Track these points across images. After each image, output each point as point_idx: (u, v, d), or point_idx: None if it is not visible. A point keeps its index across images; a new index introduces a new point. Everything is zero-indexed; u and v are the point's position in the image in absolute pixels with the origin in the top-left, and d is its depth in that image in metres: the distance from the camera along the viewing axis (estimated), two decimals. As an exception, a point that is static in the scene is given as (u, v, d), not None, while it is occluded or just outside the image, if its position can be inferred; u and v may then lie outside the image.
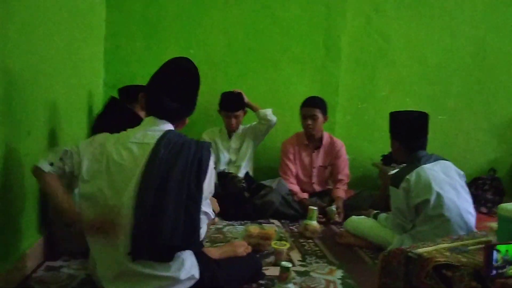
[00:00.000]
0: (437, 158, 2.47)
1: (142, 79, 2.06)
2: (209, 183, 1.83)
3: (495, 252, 1.25)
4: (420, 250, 1.47)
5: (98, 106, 3.31)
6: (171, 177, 1.71)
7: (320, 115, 3.36)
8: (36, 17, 2.11)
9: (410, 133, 2.47)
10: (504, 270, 1.27)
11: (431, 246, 1.54)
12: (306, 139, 3.48)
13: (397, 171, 2.54)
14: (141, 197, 1.69)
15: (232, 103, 3.51)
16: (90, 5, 3.20)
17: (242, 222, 3.03)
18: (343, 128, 3.88)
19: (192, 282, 1.81)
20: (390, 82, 3.94)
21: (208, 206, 1.89)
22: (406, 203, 2.37)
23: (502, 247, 1.27)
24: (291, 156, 3.51)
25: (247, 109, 3.58)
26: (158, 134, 1.79)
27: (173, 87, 1.84)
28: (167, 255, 1.72)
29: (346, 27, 3.83)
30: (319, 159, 3.51)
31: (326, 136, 3.51)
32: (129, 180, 1.72)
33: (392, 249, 1.55)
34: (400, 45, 3.91)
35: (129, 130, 1.85)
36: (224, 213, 3.07)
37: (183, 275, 1.76)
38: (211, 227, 2.89)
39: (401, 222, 2.42)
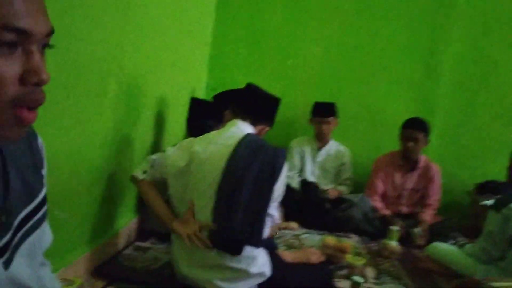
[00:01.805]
0: None
1: (242, 85, 2.22)
2: (279, 187, 1.93)
3: None
4: (497, 284, 1.42)
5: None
6: (247, 176, 1.84)
7: (422, 138, 3.27)
8: (148, 22, 2.34)
9: None
10: None
11: (510, 281, 1.47)
12: (401, 160, 3.41)
13: (503, 196, 2.41)
14: (220, 194, 1.85)
15: (323, 109, 3.54)
16: (200, 14, 3.46)
17: (321, 232, 3.05)
18: (437, 151, 3.73)
19: (262, 279, 1.91)
20: (492, 110, 3.72)
21: (275, 209, 1.98)
22: (502, 231, 2.21)
23: None
24: (382, 175, 3.45)
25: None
26: (239, 136, 1.93)
27: (256, 98, 2.11)
28: (236, 249, 1.84)
29: (450, 49, 3.70)
30: (412, 181, 3.42)
31: (422, 159, 3.40)
32: (212, 178, 1.88)
33: (467, 279, 1.51)
34: (507, 72, 3.68)
35: (214, 132, 2.03)
36: (303, 221, 3.13)
37: (253, 269, 1.87)
38: (288, 231, 2.98)
39: (490, 248, 2.28)
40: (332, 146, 3.66)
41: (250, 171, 1.86)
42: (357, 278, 2.08)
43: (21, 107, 0.66)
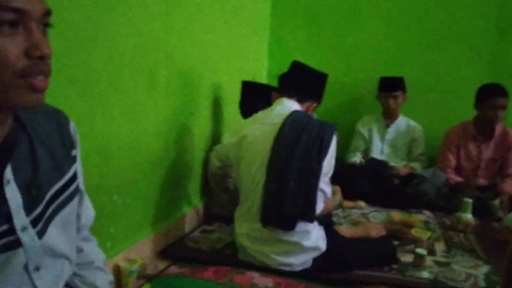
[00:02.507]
0: None
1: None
2: (329, 162, 1.92)
3: None
4: None
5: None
6: (294, 153, 1.86)
7: (507, 105, 3.04)
8: (199, 10, 2.43)
9: None
10: None
11: None
12: (475, 129, 3.21)
13: None
14: (269, 172, 1.90)
15: (390, 83, 3.42)
16: (255, 1, 3.51)
17: (390, 210, 2.96)
18: (517, 117, 3.44)
19: (317, 253, 1.92)
20: None
21: (326, 184, 1.96)
22: None
23: None
24: (453, 147, 3.27)
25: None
26: (286, 114, 1.94)
27: (301, 75, 2.11)
28: (289, 224, 1.87)
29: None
30: (489, 151, 3.20)
31: (499, 127, 3.16)
32: (262, 157, 1.93)
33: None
34: None
35: (261, 112, 2.06)
36: (372, 199, 3.07)
37: (307, 243, 1.88)
38: (356, 210, 2.94)
39: None
40: (402, 122, 3.53)
41: (297, 147, 1.88)
42: (420, 251, 2.00)
43: (30, 76, 0.75)
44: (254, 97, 2.59)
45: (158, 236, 2.16)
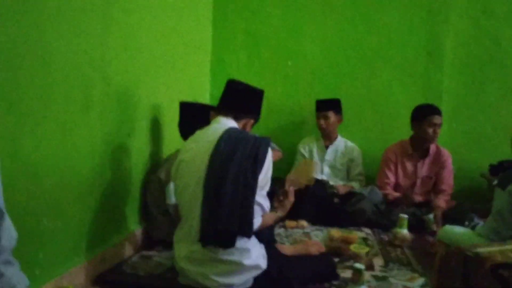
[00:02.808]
0: None
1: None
2: (265, 176, 1.92)
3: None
4: (479, 250, 1.37)
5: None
6: (229, 168, 1.85)
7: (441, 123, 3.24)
8: (137, 28, 2.40)
9: None
10: None
11: (496, 246, 1.42)
12: (412, 148, 3.36)
13: (508, 172, 2.32)
14: (206, 190, 1.87)
15: (322, 104, 3.53)
16: (196, 23, 3.52)
17: (331, 228, 3.01)
18: (448, 136, 3.64)
19: (258, 271, 1.90)
20: (500, 87, 3.61)
21: (263, 198, 1.97)
22: (508, 208, 2.14)
23: None
24: (392, 166, 3.40)
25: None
26: (221, 131, 1.94)
27: (235, 92, 2.11)
28: (227, 241, 1.84)
29: (450, 31, 3.63)
30: (424, 169, 3.36)
31: (433, 145, 3.35)
32: (198, 176, 1.91)
33: (451, 249, 1.46)
34: (510, 47, 3.57)
35: (198, 131, 2.05)
36: (313, 219, 3.11)
37: (248, 261, 1.86)
38: (298, 229, 2.96)
39: (499, 228, 2.18)
40: (340, 143, 3.64)
41: (232, 162, 1.87)
42: (358, 266, 2.03)
43: None
44: (193, 118, 2.56)
45: (93, 263, 2.06)
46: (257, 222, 1.93)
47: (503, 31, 3.58)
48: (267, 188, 1.98)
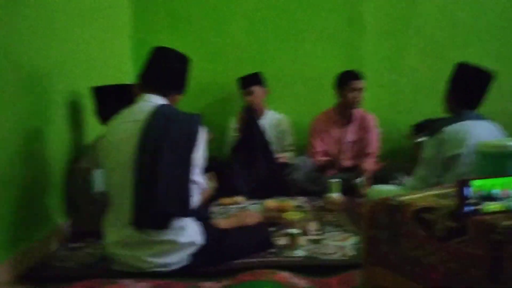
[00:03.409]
0: (484, 119, 2.30)
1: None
2: (199, 154, 1.89)
3: (468, 188, 1.18)
4: (402, 198, 1.42)
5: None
6: (163, 149, 1.79)
7: (364, 87, 3.33)
8: (50, 11, 2.24)
9: (468, 88, 2.29)
10: (479, 206, 1.19)
11: (418, 194, 1.47)
12: (337, 115, 3.44)
13: (436, 122, 2.42)
14: (137, 173, 1.80)
15: (245, 80, 3.53)
16: (115, 2, 3.35)
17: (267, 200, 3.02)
18: (371, 101, 3.73)
19: (194, 248, 1.87)
20: (419, 51, 3.78)
21: (199, 175, 1.93)
22: (436, 155, 2.23)
23: (475, 182, 1.19)
24: (319, 133, 3.48)
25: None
26: (149, 109, 1.87)
27: (161, 65, 1.99)
28: (164, 223, 1.79)
29: (368, -3, 3.73)
30: (350, 134, 3.46)
31: (357, 111, 3.44)
32: (127, 158, 1.83)
33: (376, 201, 1.50)
34: (428, 9, 3.73)
35: (123, 110, 1.95)
36: (248, 193, 3.11)
37: (182, 239, 1.82)
38: (233, 205, 2.95)
39: (426, 175, 2.28)
40: (269, 116, 3.65)
41: (165, 142, 1.81)
42: (292, 231, 2.06)
43: None
44: (112, 101, 2.44)
45: (16, 259, 1.92)
46: (196, 200, 1.90)
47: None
48: (202, 165, 1.94)
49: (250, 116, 3.40)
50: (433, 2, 3.75)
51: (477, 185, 1.19)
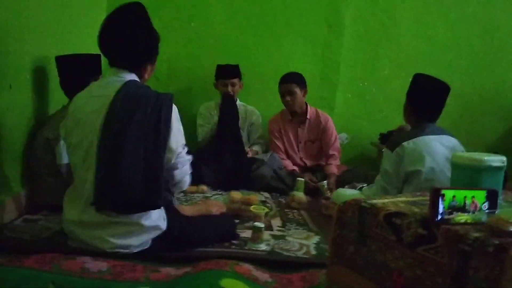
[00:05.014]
0: (444, 133, 2.33)
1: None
2: (176, 137, 1.81)
3: (440, 197, 1.21)
4: (374, 201, 1.44)
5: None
6: (128, 130, 1.69)
7: (297, 90, 3.33)
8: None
9: (424, 100, 2.31)
10: (451, 216, 1.22)
11: (389, 198, 1.50)
12: (290, 115, 3.47)
13: (396, 136, 2.45)
14: (101, 153, 1.71)
15: (228, 71, 3.50)
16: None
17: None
18: (343, 106, 3.82)
19: (158, 232, 1.82)
20: (393, 61, 3.86)
21: (183, 158, 1.88)
22: (395, 169, 2.27)
23: (448, 192, 1.22)
24: (277, 133, 3.51)
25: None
26: (118, 85, 1.77)
27: (121, 31, 1.80)
28: (128, 208, 1.72)
29: (351, 3, 3.77)
30: (304, 133, 3.49)
31: (311, 110, 3.47)
32: (92, 135, 1.74)
33: (348, 201, 1.51)
34: (405, 23, 3.82)
35: (92, 83, 1.87)
36: (213, 183, 3.10)
37: (147, 222, 1.77)
38: (198, 194, 2.92)
39: (386, 185, 2.32)
40: (240, 108, 3.63)
41: (132, 124, 1.70)
42: (257, 224, 2.05)
43: None
44: (76, 72, 2.34)
45: (-34, 226, 1.83)
46: (187, 181, 1.91)
47: (397, 5, 3.79)
48: (183, 146, 1.88)
49: (232, 106, 3.37)
50: (411, 17, 3.85)
51: (450, 195, 1.21)
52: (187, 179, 1.95)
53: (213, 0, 3.75)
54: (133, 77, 1.85)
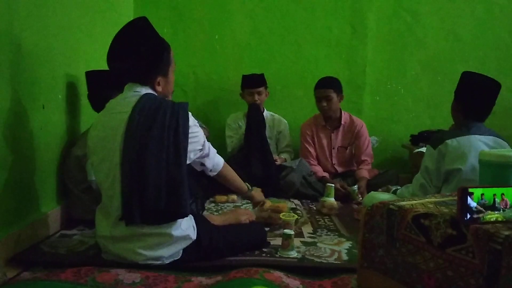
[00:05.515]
0: (492, 134, 2.24)
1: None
2: (195, 144, 1.88)
3: (469, 196, 1.18)
4: (402, 203, 1.42)
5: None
6: (148, 143, 1.73)
7: (334, 95, 3.30)
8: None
9: (474, 98, 2.23)
10: (480, 215, 1.19)
11: (417, 200, 1.47)
12: (324, 120, 3.44)
13: (440, 133, 2.39)
14: (124, 167, 1.75)
15: (253, 80, 3.52)
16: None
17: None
18: (371, 109, 3.79)
19: (188, 242, 1.84)
20: (420, 61, 3.80)
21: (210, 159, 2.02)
22: (437, 166, 2.21)
23: (477, 191, 1.19)
24: (309, 139, 3.49)
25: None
26: (134, 100, 1.81)
27: (125, 44, 1.84)
28: (157, 219, 1.76)
29: (373, 5, 3.74)
30: (338, 139, 3.46)
31: (345, 116, 3.45)
32: (114, 151, 1.77)
33: (375, 204, 1.50)
34: (430, 22, 3.76)
35: (112, 100, 1.91)
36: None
37: (176, 232, 1.79)
38: (229, 203, 2.94)
39: (426, 183, 2.27)
40: (267, 117, 3.65)
41: (151, 137, 1.74)
42: (287, 231, 2.05)
43: None
44: (104, 86, 2.41)
45: (5, 243, 1.89)
46: (220, 159, 2.11)
47: (422, 4, 3.74)
48: (203, 144, 1.94)
49: (258, 115, 3.40)
50: (436, 15, 3.78)
51: (478, 194, 1.19)
52: (218, 158, 2.11)
53: (235, 12, 3.79)
54: (148, 90, 1.88)
